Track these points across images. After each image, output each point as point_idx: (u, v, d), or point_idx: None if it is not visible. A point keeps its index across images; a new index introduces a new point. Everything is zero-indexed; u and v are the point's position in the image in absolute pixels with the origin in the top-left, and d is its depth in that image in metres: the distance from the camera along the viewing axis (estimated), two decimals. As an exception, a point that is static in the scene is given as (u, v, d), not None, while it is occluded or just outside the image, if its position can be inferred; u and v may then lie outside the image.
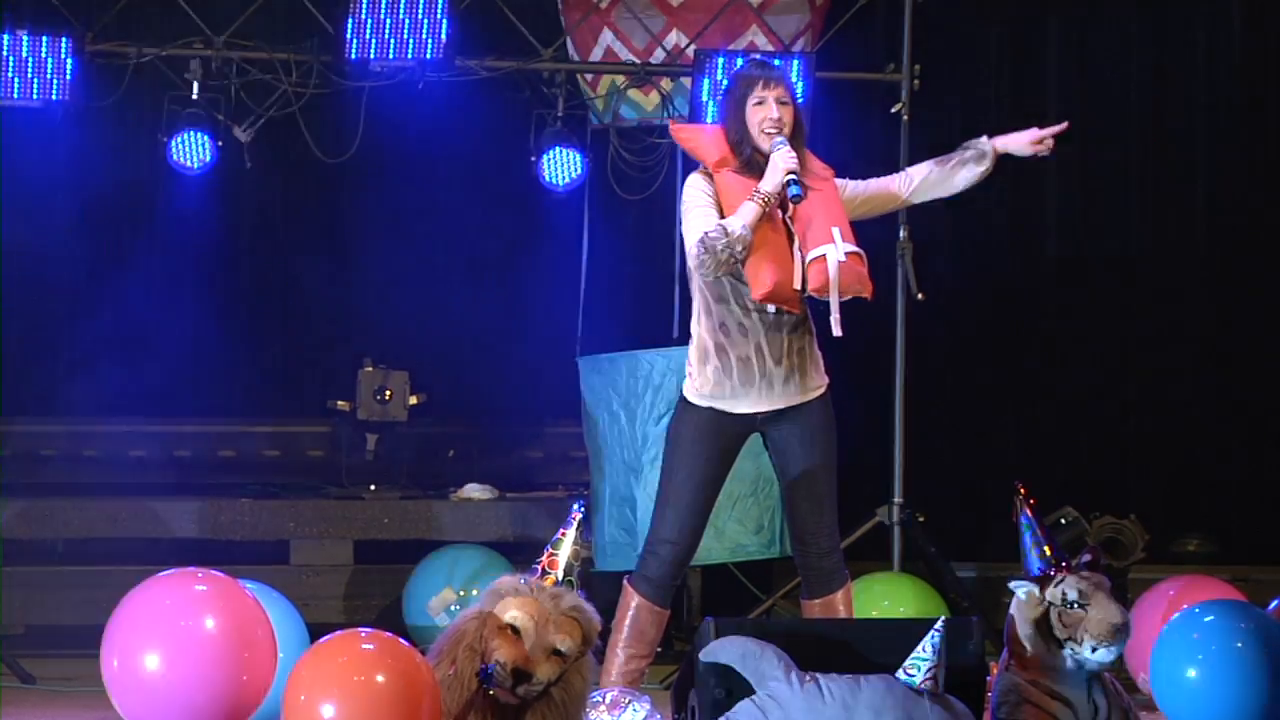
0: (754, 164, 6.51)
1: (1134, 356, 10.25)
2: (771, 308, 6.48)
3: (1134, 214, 10.21)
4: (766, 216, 6.44)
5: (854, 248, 6.48)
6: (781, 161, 6.43)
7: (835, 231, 6.47)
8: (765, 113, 6.51)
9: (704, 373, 6.55)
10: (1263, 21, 10.17)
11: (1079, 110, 10.20)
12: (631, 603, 6.58)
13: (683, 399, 6.61)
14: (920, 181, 6.76)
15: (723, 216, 6.43)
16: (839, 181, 6.67)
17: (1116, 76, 10.23)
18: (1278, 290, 10.10)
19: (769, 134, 6.49)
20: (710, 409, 6.55)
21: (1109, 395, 10.28)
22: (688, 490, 6.56)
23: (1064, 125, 6.74)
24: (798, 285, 6.45)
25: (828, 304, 6.45)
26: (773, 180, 6.42)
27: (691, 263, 6.43)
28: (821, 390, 6.63)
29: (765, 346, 6.53)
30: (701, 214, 6.47)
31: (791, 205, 6.44)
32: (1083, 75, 10.24)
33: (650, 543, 6.61)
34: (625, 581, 6.63)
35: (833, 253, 6.45)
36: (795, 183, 6.41)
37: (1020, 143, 6.75)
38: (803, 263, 6.46)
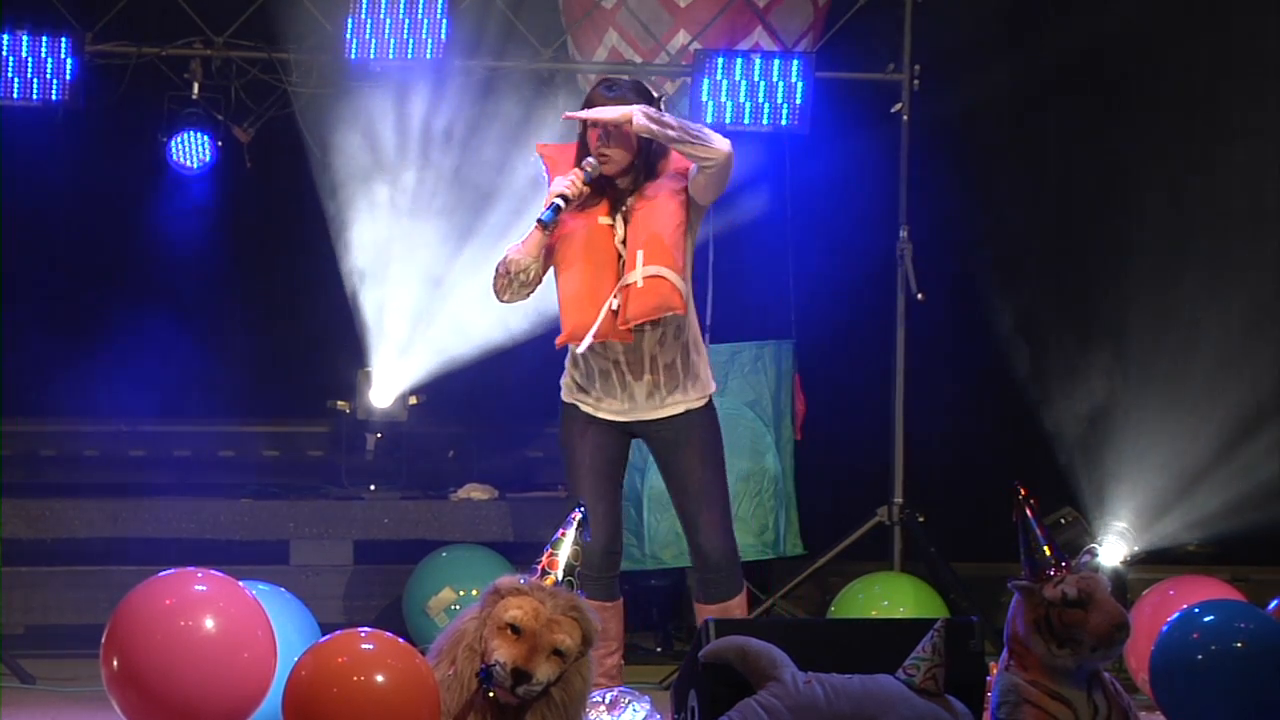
0: (595, 185, 6.46)
1: (1134, 356, 10.23)
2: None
3: (1136, 210, 10.20)
4: (589, 250, 6.40)
5: (655, 270, 6.38)
6: (552, 186, 6.39)
7: (639, 255, 6.38)
8: (595, 134, 6.44)
9: (572, 374, 6.61)
10: (1264, 24, 10.16)
11: (1078, 109, 10.21)
12: None
13: (561, 400, 6.63)
14: None
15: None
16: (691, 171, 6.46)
17: (1117, 76, 10.22)
18: (1278, 288, 10.10)
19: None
20: (575, 406, 6.59)
21: (1110, 395, 10.27)
22: (583, 483, 6.52)
23: None
24: (623, 321, 6.39)
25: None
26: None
27: None
28: (699, 403, 6.58)
29: (624, 363, 6.51)
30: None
31: (545, 232, 6.36)
32: (1083, 75, 10.24)
33: None
34: None
35: (632, 278, 6.38)
36: (552, 208, 6.34)
37: None
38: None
